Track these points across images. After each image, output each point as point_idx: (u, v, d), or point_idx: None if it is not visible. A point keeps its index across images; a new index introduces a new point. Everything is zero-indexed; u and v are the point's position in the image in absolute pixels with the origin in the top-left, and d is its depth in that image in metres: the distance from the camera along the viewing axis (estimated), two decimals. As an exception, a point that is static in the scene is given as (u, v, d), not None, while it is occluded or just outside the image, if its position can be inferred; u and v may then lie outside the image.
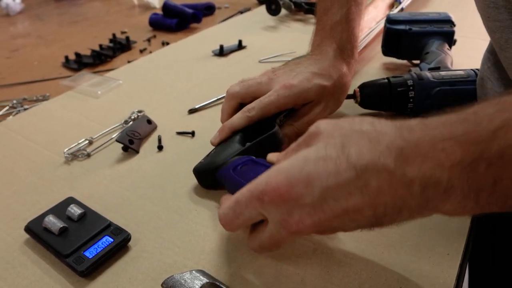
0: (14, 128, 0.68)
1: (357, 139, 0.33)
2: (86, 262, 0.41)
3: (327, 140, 0.34)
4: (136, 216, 0.49)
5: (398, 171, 0.30)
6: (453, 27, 0.79)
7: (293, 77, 0.56)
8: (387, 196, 0.31)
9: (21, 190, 0.54)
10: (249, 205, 0.36)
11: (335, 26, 0.61)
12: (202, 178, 0.53)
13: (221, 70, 0.87)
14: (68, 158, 0.59)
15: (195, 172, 0.53)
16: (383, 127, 0.33)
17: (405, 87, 0.62)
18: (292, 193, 0.33)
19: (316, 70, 0.57)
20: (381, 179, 0.31)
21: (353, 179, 0.31)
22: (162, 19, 1.25)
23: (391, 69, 0.84)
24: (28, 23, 1.42)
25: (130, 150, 0.60)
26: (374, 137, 0.32)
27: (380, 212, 0.32)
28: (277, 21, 1.18)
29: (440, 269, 0.41)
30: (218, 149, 0.53)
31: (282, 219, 0.34)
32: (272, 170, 0.35)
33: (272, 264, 0.42)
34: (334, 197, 0.32)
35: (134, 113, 0.70)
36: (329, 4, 0.62)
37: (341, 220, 0.33)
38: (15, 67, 1.03)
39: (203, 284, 0.38)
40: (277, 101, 0.54)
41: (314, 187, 0.32)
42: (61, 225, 0.45)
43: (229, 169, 0.47)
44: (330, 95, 0.58)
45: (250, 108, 0.55)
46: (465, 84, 0.61)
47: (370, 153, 0.31)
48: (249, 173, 0.44)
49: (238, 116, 0.55)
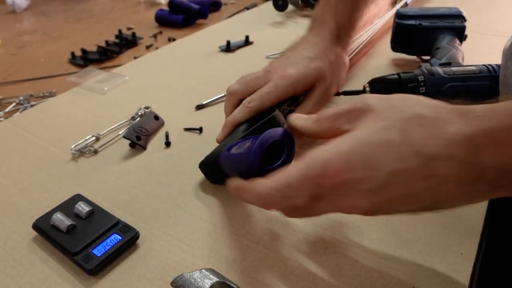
0: (20, 125, 0.68)
1: (419, 125, 0.31)
2: (94, 260, 0.41)
3: (383, 121, 0.32)
4: (144, 213, 0.49)
5: (469, 160, 0.29)
6: (464, 22, 0.78)
7: (290, 66, 0.56)
8: (454, 183, 0.30)
9: (28, 187, 0.54)
10: (302, 187, 0.34)
11: (339, 4, 0.62)
12: (208, 171, 0.53)
13: (228, 66, 0.87)
14: (75, 155, 0.59)
15: (201, 167, 0.53)
16: (446, 113, 0.31)
17: (416, 82, 0.61)
18: (352, 178, 0.31)
19: (312, 54, 0.58)
20: (449, 167, 0.30)
21: (419, 167, 0.30)
22: (168, 15, 1.24)
23: (400, 65, 0.83)
24: (34, 20, 1.42)
25: (137, 146, 0.60)
26: (439, 125, 0.31)
27: (441, 198, 0.31)
28: (284, 17, 1.17)
29: (454, 268, 0.40)
30: (222, 143, 0.54)
31: (335, 199, 0.33)
32: (327, 151, 0.33)
33: (283, 263, 0.42)
34: (395, 183, 0.31)
35: (141, 109, 0.69)
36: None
37: (395, 204, 0.32)
38: (22, 63, 1.03)
39: (213, 284, 0.37)
40: (275, 91, 0.54)
41: (376, 173, 0.31)
42: (69, 222, 0.44)
43: (225, 152, 0.47)
44: (330, 75, 0.58)
45: (249, 99, 0.54)
46: (477, 80, 0.60)
47: (436, 142, 0.30)
48: (240, 146, 0.45)
49: (239, 109, 0.54)
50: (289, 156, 0.42)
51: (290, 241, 0.44)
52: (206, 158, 0.53)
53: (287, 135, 0.42)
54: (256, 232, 0.45)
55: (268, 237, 0.45)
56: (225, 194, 0.51)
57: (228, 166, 0.46)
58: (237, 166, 0.43)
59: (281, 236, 0.45)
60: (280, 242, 0.44)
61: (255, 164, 0.40)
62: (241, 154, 0.42)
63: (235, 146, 0.46)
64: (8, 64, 1.02)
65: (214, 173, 0.53)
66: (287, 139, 0.42)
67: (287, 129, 0.42)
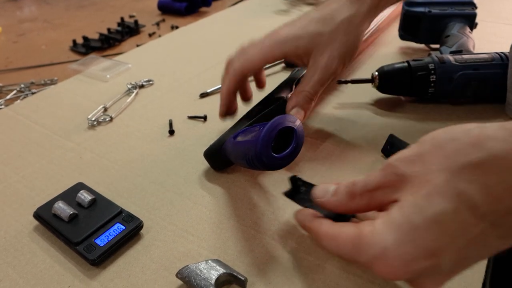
0: (22, 112, 0.67)
1: (474, 177, 0.25)
2: (97, 250, 0.40)
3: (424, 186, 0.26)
4: (148, 202, 0.48)
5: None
6: (474, 9, 0.76)
7: (287, 27, 0.51)
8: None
9: (30, 175, 0.53)
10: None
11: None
12: (213, 159, 0.51)
13: (233, 54, 0.85)
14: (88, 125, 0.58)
15: (205, 155, 0.52)
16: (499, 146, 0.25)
17: (426, 71, 0.59)
18: (412, 273, 0.27)
19: (318, 15, 0.50)
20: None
21: (489, 230, 0.25)
22: (171, 3, 1.22)
23: (409, 54, 0.81)
24: (35, 7, 1.40)
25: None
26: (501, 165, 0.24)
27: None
28: (289, 4, 1.15)
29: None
30: (226, 131, 0.52)
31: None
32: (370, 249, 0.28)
33: (292, 254, 0.40)
34: (465, 257, 0.26)
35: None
36: None
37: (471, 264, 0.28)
38: (23, 51, 1.01)
39: (220, 275, 0.36)
40: (260, 51, 0.50)
41: (439, 260, 0.26)
42: (71, 211, 0.43)
43: (231, 139, 0.46)
44: (333, 41, 0.49)
45: (234, 63, 0.51)
46: (489, 68, 0.59)
47: (505, 190, 0.24)
48: (247, 134, 0.43)
49: (227, 76, 0.51)
50: (297, 145, 0.41)
51: (298, 232, 0.43)
52: (211, 146, 0.51)
53: (296, 122, 0.41)
54: (263, 223, 0.44)
55: (275, 228, 0.43)
56: (231, 184, 0.50)
57: (234, 154, 0.45)
58: (244, 153, 0.42)
59: (289, 226, 0.43)
60: (287, 232, 0.43)
61: (263, 151, 0.38)
62: (248, 141, 0.41)
63: (241, 133, 0.45)
64: (9, 52, 1.00)
65: (219, 161, 0.51)
66: (296, 126, 0.41)
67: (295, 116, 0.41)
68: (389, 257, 0.27)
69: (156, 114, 0.65)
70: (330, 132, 0.58)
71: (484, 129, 0.26)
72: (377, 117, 0.61)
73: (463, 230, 0.25)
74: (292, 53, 0.50)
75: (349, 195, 0.32)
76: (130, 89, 0.71)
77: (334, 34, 0.49)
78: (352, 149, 0.54)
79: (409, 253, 0.26)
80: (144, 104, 0.68)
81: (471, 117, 0.60)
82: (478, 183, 0.24)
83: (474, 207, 0.25)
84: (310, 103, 0.50)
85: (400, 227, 0.27)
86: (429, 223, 0.26)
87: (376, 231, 0.28)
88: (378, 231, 0.28)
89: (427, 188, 0.26)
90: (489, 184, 0.24)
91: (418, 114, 0.61)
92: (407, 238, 0.26)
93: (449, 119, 0.59)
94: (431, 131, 0.30)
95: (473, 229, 0.25)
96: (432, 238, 0.26)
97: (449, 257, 0.26)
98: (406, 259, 0.26)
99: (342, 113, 0.62)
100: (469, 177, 0.25)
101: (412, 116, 0.61)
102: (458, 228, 0.25)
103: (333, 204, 0.33)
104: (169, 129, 0.60)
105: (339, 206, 0.33)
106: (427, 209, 0.26)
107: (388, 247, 0.27)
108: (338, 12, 0.50)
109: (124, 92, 0.71)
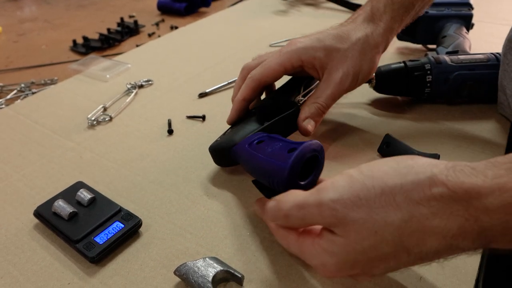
0: (22, 112, 0.67)
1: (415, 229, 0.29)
2: (96, 248, 0.40)
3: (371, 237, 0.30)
4: (147, 201, 0.48)
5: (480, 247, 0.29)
6: (471, 10, 0.76)
7: (304, 38, 0.51)
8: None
9: (30, 174, 0.53)
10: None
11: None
12: (219, 156, 0.51)
13: (231, 54, 0.85)
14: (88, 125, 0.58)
15: (211, 151, 0.51)
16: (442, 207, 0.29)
17: (422, 71, 0.60)
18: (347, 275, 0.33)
19: (335, 32, 0.51)
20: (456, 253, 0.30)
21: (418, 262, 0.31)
22: (171, 3, 1.23)
23: (405, 54, 0.82)
24: (35, 7, 1.40)
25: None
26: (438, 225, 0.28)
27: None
28: (288, 5, 1.16)
29: (462, 258, 0.39)
30: (236, 128, 0.51)
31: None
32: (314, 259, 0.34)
33: (287, 252, 0.41)
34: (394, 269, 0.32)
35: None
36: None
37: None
38: (23, 51, 1.02)
39: (217, 272, 0.37)
40: (278, 58, 0.50)
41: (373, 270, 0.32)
42: (70, 210, 0.44)
43: (244, 144, 0.45)
44: (348, 59, 0.50)
45: (252, 71, 0.51)
46: (485, 69, 0.59)
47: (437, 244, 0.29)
48: (265, 147, 0.43)
49: (244, 83, 0.52)
50: (319, 171, 0.42)
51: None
52: (220, 143, 0.50)
53: (322, 148, 0.41)
54: (259, 221, 0.45)
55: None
56: (229, 183, 0.50)
57: (250, 165, 0.44)
58: (264, 171, 0.41)
59: (285, 225, 0.44)
60: (284, 231, 0.43)
61: (290, 180, 0.39)
62: (271, 162, 0.40)
63: (255, 139, 0.45)
64: (10, 51, 1.01)
65: (224, 159, 0.50)
66: (321, 153, 0.41)
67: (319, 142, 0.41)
68: (327, 269, 0.32)
69: (155, 114, 0.65)
70: (327, 132, 0.59)
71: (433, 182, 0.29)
72: (374, 117, 0.62)
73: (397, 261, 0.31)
74: (309, 63, 0.50)
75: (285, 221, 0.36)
76: (130, 89, 0.72)
77: (350, 52, 0.50)
78: (349, 149, 0.55)
79: (344, 270, 0.32)
80: (144, 104, 0.69)
81: (466, 117, 0.60)
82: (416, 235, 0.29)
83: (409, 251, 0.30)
84: (321, 116, 0.51)
85: (338, 256, 0.31)
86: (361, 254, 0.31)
87: (317, 251, 0.33)
88: (320, 251, 0.33)
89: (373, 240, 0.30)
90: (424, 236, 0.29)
91: (414, 114, 0.62)
92: (344, 266, 0.32)
93: (445, 119, 0.60)
94: (427, 131, 0.31)
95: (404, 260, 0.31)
96: (368, 259, 0.31)
97: (380, 270, 0.32)
98: (341, 271, 0.32)
99: (339, 113, 0.63)
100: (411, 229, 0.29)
101: (409, 116, 0.61)
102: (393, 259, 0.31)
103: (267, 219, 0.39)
104: (168, 129, 0.60)
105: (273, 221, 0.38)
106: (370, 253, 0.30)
107: (327, 264, 0.32)
108: (354, 31, 0.51)
109: (123, 92, 0.72)
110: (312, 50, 0.50)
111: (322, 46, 0.50)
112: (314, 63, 0.50)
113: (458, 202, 0.28)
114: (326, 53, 0.50)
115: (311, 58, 0.50)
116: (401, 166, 0.31)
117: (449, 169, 0.29)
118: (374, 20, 0.52)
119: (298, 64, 0.50)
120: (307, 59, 0.50)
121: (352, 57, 0.50)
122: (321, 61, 0.50)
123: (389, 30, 0.53)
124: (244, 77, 0.53)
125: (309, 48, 0.50)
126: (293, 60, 0.50)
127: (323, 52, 0.50)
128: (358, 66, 0.51)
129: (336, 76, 0.50)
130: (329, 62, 0.50)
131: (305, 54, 0.50)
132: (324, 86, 0.50)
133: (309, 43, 0.50)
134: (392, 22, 0.53)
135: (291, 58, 0.50)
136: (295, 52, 0.50)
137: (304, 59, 0.50)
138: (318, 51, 0.50)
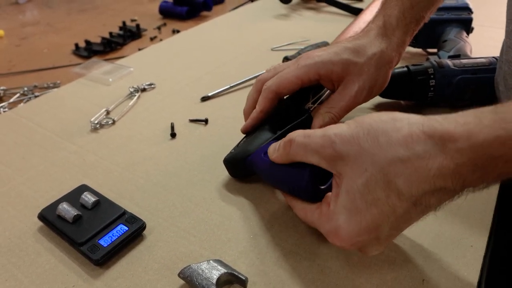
0: (25, 115, 0.68)
1: (400, 170, 0.32)
2: (101, 250, 0.41)
3: (363, 177, 0.33)
4: (150, 204, 0.48)
5: (455, 187, 0.32)
6: (471, 14, 0.77)
7: (320, 51, 0.51)
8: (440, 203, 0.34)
9: (34, 177, 0.53)
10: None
11: (389, 1, 0.55)
12: (235, 167, 0.51)
13: (233, 58, 0.86)
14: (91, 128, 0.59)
15: (227, 163, 0.51)
16: (422, 147, 0.32)
17: (426, 75, 0.60)
18: (358, 244, 0.35)
19: (351, 45, 0.51)
20: (438, 197, 0.33)
21: (411, 209, 0.33)
22: (173, 7, 1.24)
23: (406, 58, 0.82)
24: (37, 11, 1.41)
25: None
26: (420, 165, 0.32)
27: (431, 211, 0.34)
28: (289, 9, 1.16)
29: (464, 261, 0.40)
30: (249, 139, 0.51)
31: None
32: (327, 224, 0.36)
33: (291, 255, 0.41)
34: (396, 228, 0.35)
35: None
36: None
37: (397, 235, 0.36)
38: (25, 54, 1.02)
39: (221, 274, 0.37)
40: (296, 69, 0.50)
41: (378, 233, 0.34)
42: (75, 212, 0.44)
43: (260, 154, 0.45)
44: (364, 73, 0.50)
45: (268, 82, 0.51)
46: (487, 72, 0.60)
47: (422, 183, 0.32)
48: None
49: (262, 95, 0.51)
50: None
51: (298, 233, 0.44)
52: (235, 155, 0.50)
53: None
54: (263, 224, 0.45)
55: (276, 228, 0.44)
56: (231, 186, 0.50)
57: (260, 169, 0.45)
58: (284, 180, 0.42)
59: (289, 226, 0.44)
60: (288, 232, 0.44)
61: (310, 186, 0.39)
62: (290, 169, 0.41)
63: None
64: (12, 55, 1.01)
65: (240, 170, 0.50)
66: None
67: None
68: (340, 233, 0.35)
69: (158, 117, 0.66)
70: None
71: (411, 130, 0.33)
72: (376, 120, 0.62)
73: (393, 210, 0.33)
74: (326, 76, 0.51)
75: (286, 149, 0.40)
76: (132, 93, 0.72)
77: (367, 66, 0.50)
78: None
79: (355, 231, 0.34)
80: (146, 107, 0.69)
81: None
82: (402, 176, 0.32)
83: (400, 193, 0.32)
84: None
85: (348, 210, 0.34)
86: (369, 206, 0.33)
87: (330, 212, 0.36)
88: (332, 212, 0.36)
89: (365, 177, 0.33)
90: (410, 177, 0.32)
91: (416, 118, 0.62)
92: (354, 219, 0.34)
93: (447, 123, 0.60)
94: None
95: (400, 209, 0.33)
96: (372, 218, 0.33)
97: (384, 230, 0.34)
98: (352, 236, 0.34)
99: (344, 118, 0.63)
100: (396, 170, 0.32)
101: (411, 120, 0.61)
102: (390, 209, 0.33)
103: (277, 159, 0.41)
104: (170, 132, 0.61)
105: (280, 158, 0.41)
106: (367, 196, 0.33)
107: (339, 225, 0.35)
108: (370, 45, 0.52)
109: (126, 95, 0.72)
110: (330, 64, 0.50)
111: (340, 60, 0.50)
112: (332, 77, 0.51)
113: (435, 145, 0.31)
114: (344, 67, 0.50)
115: (329, 72, 0.50)
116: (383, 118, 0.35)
117: (424, 119, 0.33)
118: (387, 35, 0.53)
119: (315, 78, 0.51)
120: (325, 73, 0.50)
121: (368, 72, 0.51)
122: (339, 75, 0.50)
123: (401, 44, 0.54)
124: (259, 89, 0.53)
125: (327, 62, 0.50)
126: (311, 74, 0.50)
127: (341, 66, 0.50)
128: (374, 81, 0.52)
129: (352, 89, 0.50)
130: (345, 75, 0.50)
131: (323, 68, 0.50)
132: (338, 98, 0.51)
133: (327, 57, 0.50)
134: (404, 36, 0.54)
135: (309, 72, 0.50)
136: (313, 66, 0.50)
137: (322, 73, 0.50)
138: (336, 65, 0.50)
